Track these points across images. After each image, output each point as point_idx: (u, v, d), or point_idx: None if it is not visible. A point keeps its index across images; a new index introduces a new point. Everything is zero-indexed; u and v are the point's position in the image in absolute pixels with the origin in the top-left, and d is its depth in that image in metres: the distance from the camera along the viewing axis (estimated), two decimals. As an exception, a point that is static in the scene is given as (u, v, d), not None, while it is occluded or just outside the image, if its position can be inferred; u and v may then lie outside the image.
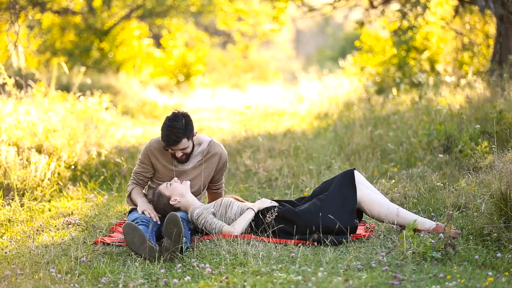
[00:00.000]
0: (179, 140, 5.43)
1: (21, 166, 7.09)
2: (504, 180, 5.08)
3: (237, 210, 5.34)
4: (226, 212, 5.36)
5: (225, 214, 5.35)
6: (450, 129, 7.57)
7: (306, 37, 41.91)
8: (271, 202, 5.38)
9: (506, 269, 4.45)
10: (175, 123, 5.42)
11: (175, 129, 5.41)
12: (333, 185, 5.37)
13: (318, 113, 11.81)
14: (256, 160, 8.20)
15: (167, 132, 5.43)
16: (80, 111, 9.20)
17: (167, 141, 5.45)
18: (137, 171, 5.69)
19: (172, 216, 4.85)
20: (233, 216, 5.33)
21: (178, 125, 5.42)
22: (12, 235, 5.56)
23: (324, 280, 4.28)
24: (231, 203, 5.39)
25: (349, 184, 5.33)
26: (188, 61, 19.40)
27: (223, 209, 5.37)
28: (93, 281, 4.50)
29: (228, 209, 5.36)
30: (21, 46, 8.76)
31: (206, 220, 5.29)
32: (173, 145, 5.45)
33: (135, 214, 5.46)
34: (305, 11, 13.89)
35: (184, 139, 5.45)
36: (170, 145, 5.46)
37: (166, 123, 5.45)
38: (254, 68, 24.36)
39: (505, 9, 9.96)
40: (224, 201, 5.41)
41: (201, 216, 5.31)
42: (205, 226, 5.29)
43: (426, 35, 12.90)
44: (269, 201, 5.39)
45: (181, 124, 5.43)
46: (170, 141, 5.44)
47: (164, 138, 5.46)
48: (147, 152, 5.65)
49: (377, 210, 5.29)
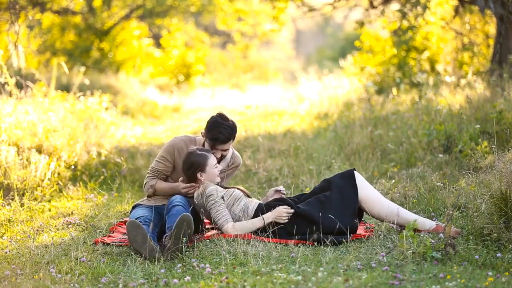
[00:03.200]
0: (231, 138, 5.46)
1: (21, 166, 7.09)
2: (504, 180, 5.08)
3: (242, 207, 5.33)
4: (233, 205, 5.33)
5: (231, 206, 5.33)
6: (450, 129, 7.56)
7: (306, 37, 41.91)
8: (287, 211, 5.27)
9: (506, 269, 4.45)
10: (226, 122, 5.45)
11: (229, 128, 5.43)
12: (333, 186, 5.35)
13: (318, 113, 11.81)
14: (256, 160, 8.20)
15: (222, 129, 5.41)
16: (80, 111, 9.20)
17: (222, 139, 5.41)
18: (157, 168, 5.59)
19: (186, 216, 4.85)
20: (237, 211, 5.30)
21: (230, 124, 5.46)
22: (12, 235, 5.56)
23: (324, 280, 4.28)
24: (240, 198, 5.36)
25: (349, 184, 5.33)
26: (188, 61, 19.40)
27: (232, 200, 5.34)
28: (93, 281, 4.50)
29: (235, 203, 5.34)
30: (21, 46, 8.76)
31: (216, 204, 5.23)
32: (225, 142, 5.44)
33: (138, 211, 5.45)
34: (305, 11, 13.89)
35: (232, 140, 5.49)
36: (223, 143, 5.43)
37: (218, 121, 5.44)
38: (254, 68, 24.37)
39: (505, 9, 9.96)
40: (235, 194, 5.36)
41: (212, 197, 5.26)
42: (211, 209, 5.23)
43: (426, 35, 12.90)
44: (284, 211, 5.26)
45: (232, 124, 5.48)
46: (224, 139, 5.41)
47: (217, 135, 5.41)
48: (172, 149, 5.58)
49: (378, 209, 5.29)
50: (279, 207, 5.27)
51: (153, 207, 5.50)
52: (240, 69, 23.67)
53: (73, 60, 17.07)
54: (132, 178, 7.85)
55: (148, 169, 5.77)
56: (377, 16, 13.55)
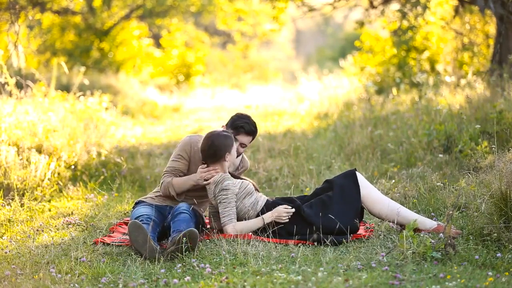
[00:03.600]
0: (255, 133, 5.60)
1: (21, 166, 7.09)
2: (504, 180, 5.08)
3: (253, 201, 5.34)
4: (245, 198, 5.34)
5: (243, 199, 5.33)
6: (450, 129, 7.56)
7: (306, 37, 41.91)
8: (287, 210, 5.27)
9: (506, 269, 4.45)
10: (252, 120, 5.61)
11: (254, 124, 5.60)
12: (335, 186, 5.35)
13: (318, 113, 11.81)
14: (256, 160, 8.20)
15: (247, 120, 5.57)
16: (80, 111, 9.20)
17: (247, 129, 5.54)
18: (175, 166, 5.56)
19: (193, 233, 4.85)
20: (248, 205, 5.31)
21: (254, 123, 5.61)
22: (12, 235, 5.56)
23: (324, 280, 4.28)
24: (252, 192, 5.36)
25: (352, 183, 5.33)
26: (188, 61, 19.40)
27: (244, 194, 5.34)
28: (93, 281, 4.49)
29: (247, 196, 5.34)
30: (21, 46, 8.76)
31: (226, 201, 5.24)
32: (249, 134, 5.56)
33: (140, 209, 5.45)
34: (305, 11, 13.89)
35: (253, 136, 5.62)
36: (247, 134, 5.54)
37: (244, 115, 5.62)
38: (254, 68, 24.37)
39: (505, 9, 9.96)
40: (248, 188, 5.37)
41: (225, 192, 5.26)
42: (220, 202, 5.24)
43: (426, 35, 12.90)
44: (284, 211, 5.27)
45: (255, 124, 5.63)
46: (249, 129, 5.55)
47: (243, 124, 5.54)
48: (189, 147, 5.58)
49: (379, 208, 5.29)
50: (279, 207, 5.27)
51: (153, 206, 5.50)
52: (240, 69, 23.68)
53: (73, 60, 17.07)
54: (132, 178, 7.85)
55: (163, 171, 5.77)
56: (377, 16, 13.55)
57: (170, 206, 5.54)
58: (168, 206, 5.55)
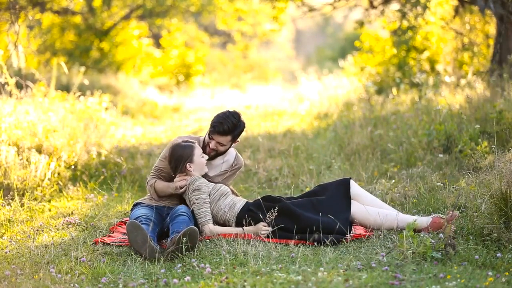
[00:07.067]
0: (227, 133, 5.50)
1: (21, 166, 7.09)
2: (504, 180, 5.08)
3: (229, 203, 5.35)
4: (219, 199, 5.36)
5: (217, 201, 5.35)
6: (450, 129, 7.56)
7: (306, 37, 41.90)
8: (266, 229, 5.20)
9: (506, 269, 4.45)
10: (233, 118, 5.52)
11: (231, 122, 5.50)
12: (326, 194, 5.37)
13: (318, 113, 11.81)
14: (256, 160, 8.20)
15: (223, 120, 5.49)
16: (80, 111, 9.20)
17: (218, 128, 5.48)
18: (159, 166, 5.66)
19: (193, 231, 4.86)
20: (224, 207, 5.33)
21: (234, 121, 5.52)
22: (12, 235, 5.56)
23: (324, 280, 4.28)
24: (227, 193, 5.39)
25: (343, 196, 5.35)
26: (188, 61, 19.40)
27: (218, 195, 5.37)
28: (93, 281, 4.50)
29: (222, 198, 5.37)
30: (21, 46, 8.75)
31: (200, 201, 5.26)
32: (221, 134, 5.50)
33: (139, 210, 5.45)
34: (305, 11, 13.89)
35: (229, 136, 5.53)
36: (219, 134, 5.49)
37: (225, 113, 5.54)
38: (254, 68, 24.37)
39: (505, 9, 9.96)
40: (222, 189, 5.40)
41: (197, 192, 5.28)
42: (193, 204, 5.26)
43: (426, 35, 12.89)
44: (263, 229, 5.20)
45: (237, 122, 5.53)
46: (220, 130, 5.49)
47: (216, 124, 5.50)
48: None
49: (367, 224, 5.33)
50: (258, 224, 5.24)
51: (153, 207, 5.50)
52: (240, 69, 23.67)
53: (73, 60, 17.06)
54: (132, 178, 7.85)
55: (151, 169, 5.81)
56: (377, 16, 13.55)
57: (168, 207, 5.56)
58: (166, 206, 5.57)
